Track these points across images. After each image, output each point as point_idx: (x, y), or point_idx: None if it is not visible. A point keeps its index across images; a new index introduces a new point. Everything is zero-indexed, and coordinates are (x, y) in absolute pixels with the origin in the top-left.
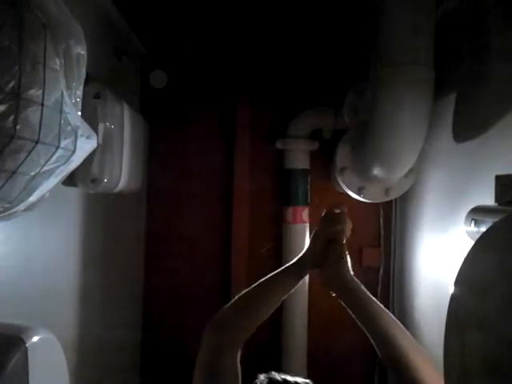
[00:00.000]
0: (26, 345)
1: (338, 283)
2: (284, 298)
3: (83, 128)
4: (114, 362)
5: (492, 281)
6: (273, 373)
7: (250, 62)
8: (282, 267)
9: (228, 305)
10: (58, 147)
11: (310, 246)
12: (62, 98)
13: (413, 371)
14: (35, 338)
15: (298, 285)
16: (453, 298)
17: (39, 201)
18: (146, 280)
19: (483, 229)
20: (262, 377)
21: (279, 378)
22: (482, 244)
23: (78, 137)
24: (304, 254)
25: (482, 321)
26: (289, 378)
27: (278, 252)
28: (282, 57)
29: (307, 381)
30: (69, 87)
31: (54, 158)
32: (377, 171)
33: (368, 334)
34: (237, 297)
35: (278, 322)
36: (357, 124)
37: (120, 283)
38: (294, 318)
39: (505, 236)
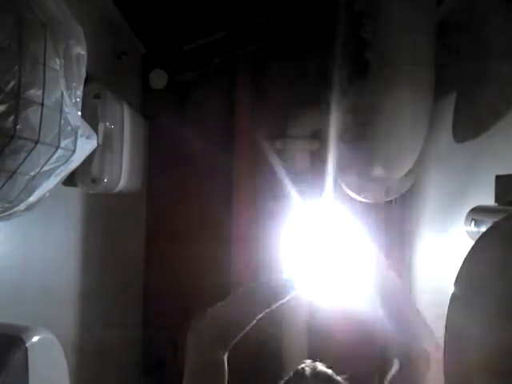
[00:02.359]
0: (26, 345)
1: None
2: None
3: (83, 128)
4: (114, 362)
5: (492, 281)
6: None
7: (249, 61)
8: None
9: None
10: (58, 147)
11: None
12: (62, 98)
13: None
14: (35, 338)
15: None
16: (453, 297)
17: (39, 201)
18: (146, 280)
19: (483, 229)
20: (307, 369)
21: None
22: (482, 244)
23: (78, 137)
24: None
25: (482, 320)
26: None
27: None
28: (281, 57)
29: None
30: (69, 87)
31: (54, 157)
32: (377, 171)
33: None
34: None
35: (278, 320)
36: (357, 124)
37: (120, 283)
38: (295, 317)
39: (505, 236)
